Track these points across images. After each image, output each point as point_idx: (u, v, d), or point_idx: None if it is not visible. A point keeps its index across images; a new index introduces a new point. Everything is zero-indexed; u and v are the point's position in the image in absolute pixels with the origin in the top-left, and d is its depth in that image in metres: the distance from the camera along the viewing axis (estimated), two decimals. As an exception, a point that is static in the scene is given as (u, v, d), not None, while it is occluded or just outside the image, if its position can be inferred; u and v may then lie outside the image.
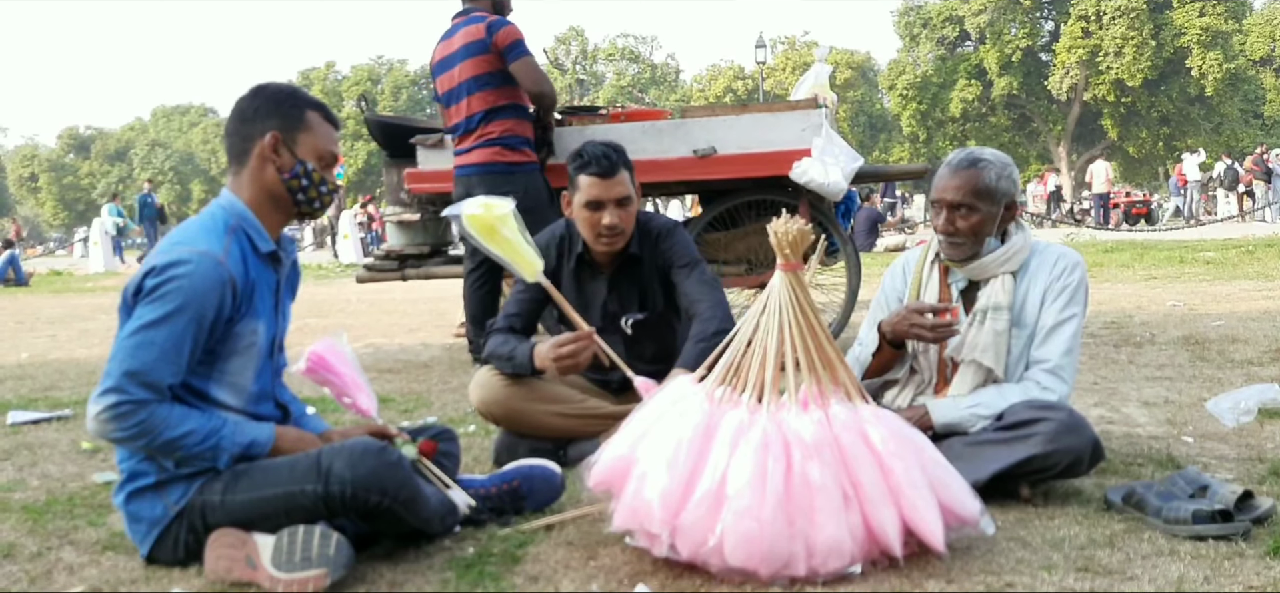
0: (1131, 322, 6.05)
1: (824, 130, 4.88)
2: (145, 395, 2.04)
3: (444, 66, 4.75)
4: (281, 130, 2.23)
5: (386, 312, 9.10)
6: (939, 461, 2.16)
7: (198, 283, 2.07)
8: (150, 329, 2.05)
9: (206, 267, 2.09)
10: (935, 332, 2.58)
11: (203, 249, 2.12)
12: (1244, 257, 10.73)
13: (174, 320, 2.05)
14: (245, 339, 2.20)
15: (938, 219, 2.67)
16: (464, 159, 4.71)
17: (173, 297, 2.06)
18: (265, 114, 2.24)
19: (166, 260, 2.10)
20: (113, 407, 2.03)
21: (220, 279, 2.10)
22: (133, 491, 2.19)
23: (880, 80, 47.45)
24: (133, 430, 2.05)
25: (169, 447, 2.09)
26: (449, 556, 2.24)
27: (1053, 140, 41.78)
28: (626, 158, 3.02)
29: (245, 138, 2.25)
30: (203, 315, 2.09)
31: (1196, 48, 36.25)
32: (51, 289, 14.50)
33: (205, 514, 2.14)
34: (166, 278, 2.07)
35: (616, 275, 3.11)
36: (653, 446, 2.11)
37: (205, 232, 2.18)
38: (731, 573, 1.99)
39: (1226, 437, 3.15)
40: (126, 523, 2.24)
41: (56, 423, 3.98)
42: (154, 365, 2.04)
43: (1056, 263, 2.67)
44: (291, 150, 2.23)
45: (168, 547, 2.19)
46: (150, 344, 2.04)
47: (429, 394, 4.50)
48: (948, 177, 2.65)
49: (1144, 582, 1.97)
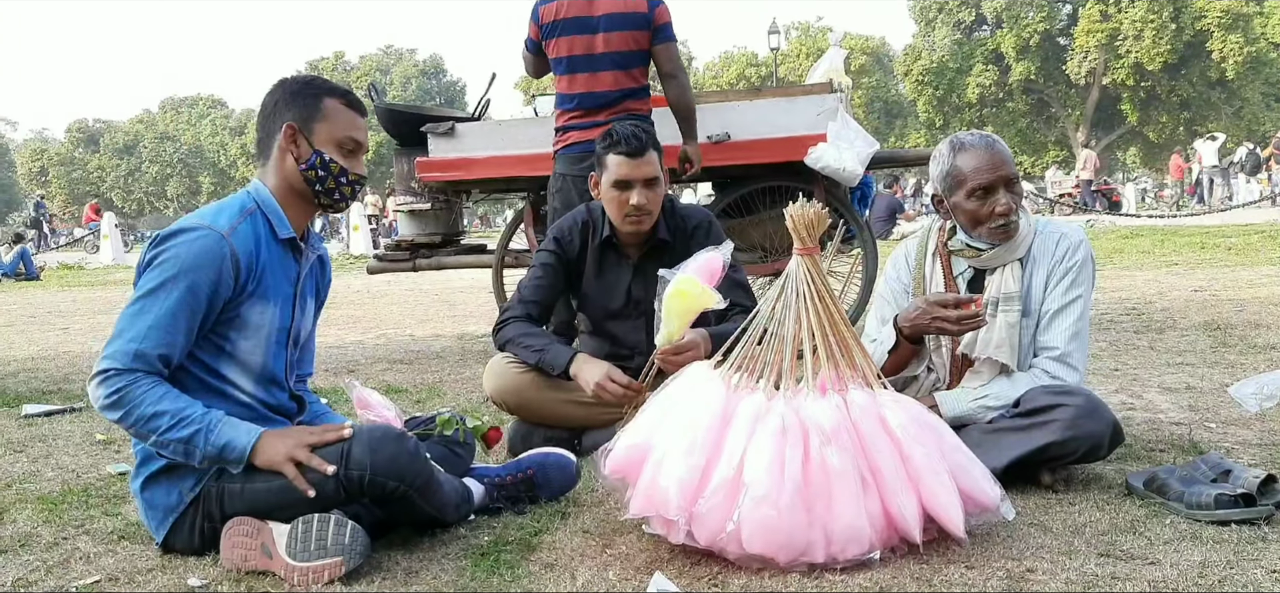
0: (1152, 308, 6.00)
1: (840, 115, 4.85)
2: (131, 364, 2.03)
3: (578, 27, 4.23)
4: (298, 121, 2.22)
5: (396, 302, 9.12)
6: (959, 446, 2.13)
7: (196, 254, 2.08)
8: (145, 299, 2.07)
9: (207, 239, 2.10)
10: (961, 325, 2.47)
11: (208, 224, 2.13)
12: (1266, 241, 10.62)
13: (168, 290, 2.06)
14: (253, 320, 2.20)
15: (991, 203, 2.51)
16: (586, 135, 4.20)
17: (168, 266, 2.07)
18: (284, 105, 2.24)
19: (167, 233, 2.13)
20: (100, 373, 2.04)
21: (220, 252, 2.10)
22: (147, 476, 2.20)
23: (895, 66, 47.17)
24: (111, 398, 2.03)
25: (141, 424, 2.04)
26: (464, 544, 2.24)
27: (1071, 126, 41.45)
28: (656, 139, 3.04)
29: (267, 131, 2.26)
30: (197, 286, 2.07)
31: (1217, 30, 35.83)
32: (62, 283, 14.59)
33: (223, 502, 2.14)
34: (164, 249, 2.10)
35: (643, 261, 3.10)
36: (669, 432, 2.09)
37: (218, 210, 2.20)
38: (749, 560, 1.97)
39: (1249, 422, 3.10)
40: (142, 509, 2.24)
41: (70, 415, 4.00)
42: (145, 335, 2.05)
43: (1059, 243, 2.59)
44: (308, 140, 2.22)
45: (183, 534, 2.19)
46: (143, 313, 2.06)
47: (441, 385, 4.50)
48: (987, 155, 2.51)
49: (1166, 567, 1.94)
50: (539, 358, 2.88)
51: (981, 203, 2.53)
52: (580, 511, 2.46)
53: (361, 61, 55.94)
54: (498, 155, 5.23)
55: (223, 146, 58.89)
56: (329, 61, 56.71)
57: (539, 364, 2.88)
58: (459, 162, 5.27)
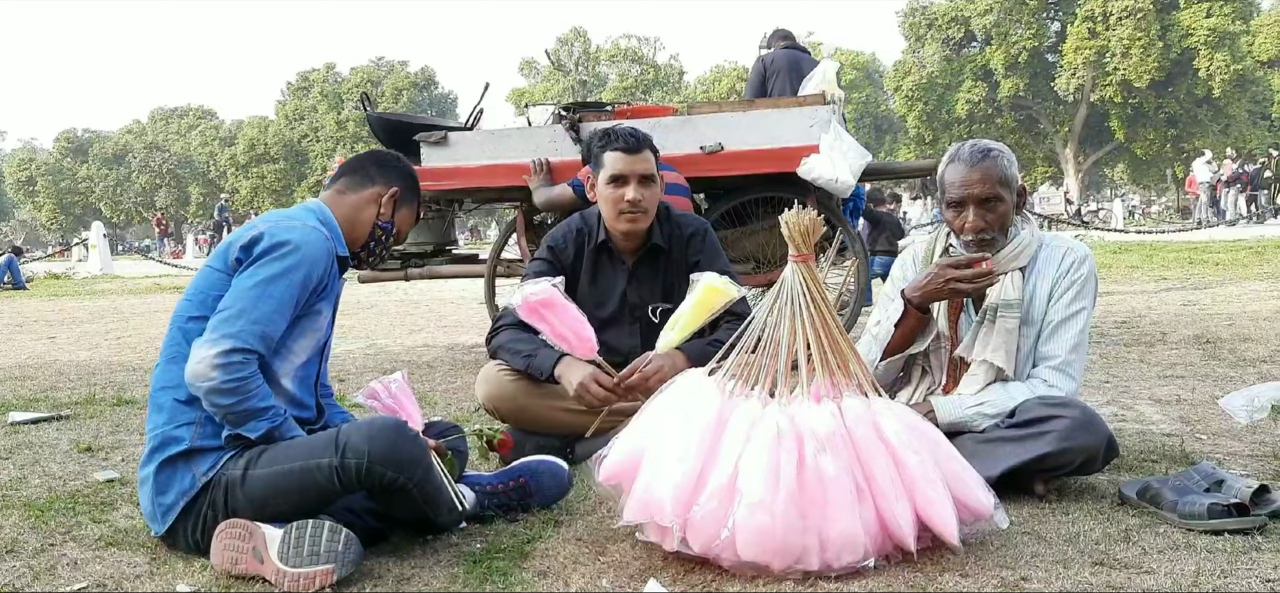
0: (1142, 321, 6.02)
1: (832, 126, 4.86)
2: (260, 347, 2.13)
3: None
4: (401, 193, 2.47)
5: (387, 312, 9.09)
6: (953, 454, 2.13)
7: (313, 248, 2.23)
8: (271, 284, 2.16)
9: (319, 237, 2.27)
10: (975, 283, 2.50)
11: (312, 223, 2.31)
12: (1254, 257, 10.68)
13: (290, 277, 2.18)
14: (318, 320, 2.32)
15: (962, 218, 2.57)
16: None
17: (291, 255, 2.19)
18: (401, 175, 2.49)
19: (283, 228, 2.24)
20: (227, 353, 2.08)
21: (328, 250, 2.29)
22: (164, 459, 2.19)
23: (886, 81, 47.39)
24: (234, 382, 2.09)
25: (247, 416, 2.13)
26: (457, 551, 2.22)
27: (1059, 142, 41.67)
28: (652, 143, 3.07)
29: (370, 177, 2.46)
30: (309, 280, 2.22)
31: (1204, 49, 36.10)
32: (50, 293, 14.49)
33: (227, 491, 2.15)
34: (286, 240, 2.20)
35: (638, 266, 3.09)
36: (664, 439, 2.08)
37: (306, 213, 2.37)
38: (743, 568, 1.96)
39: (1240, 434, 3.11)
40: (150, 497, 2.22)
41: (57, 423, 3.96)
42: (270, 317, 2.15)
43: (1064, 257, 2.62)
44: (393, 211, 2.46)
45: (189, 523, 2.18)
46: (270, 297, 2.15)
47: (433, 394, 4.48)
48: (966, 171, 2.55)
49: (1160, 576, 1.94)
50: (527, 362, 2.87)
51: (955, 215, 2.59)
52: (573, 518, 2.45)
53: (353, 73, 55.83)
54: (490, 165, 5.23)
55: (212, 157, 58.62)
56: (320, 73, 56.62)
57: (528, 369, 2.87)
58: (452, 171, 5.27)
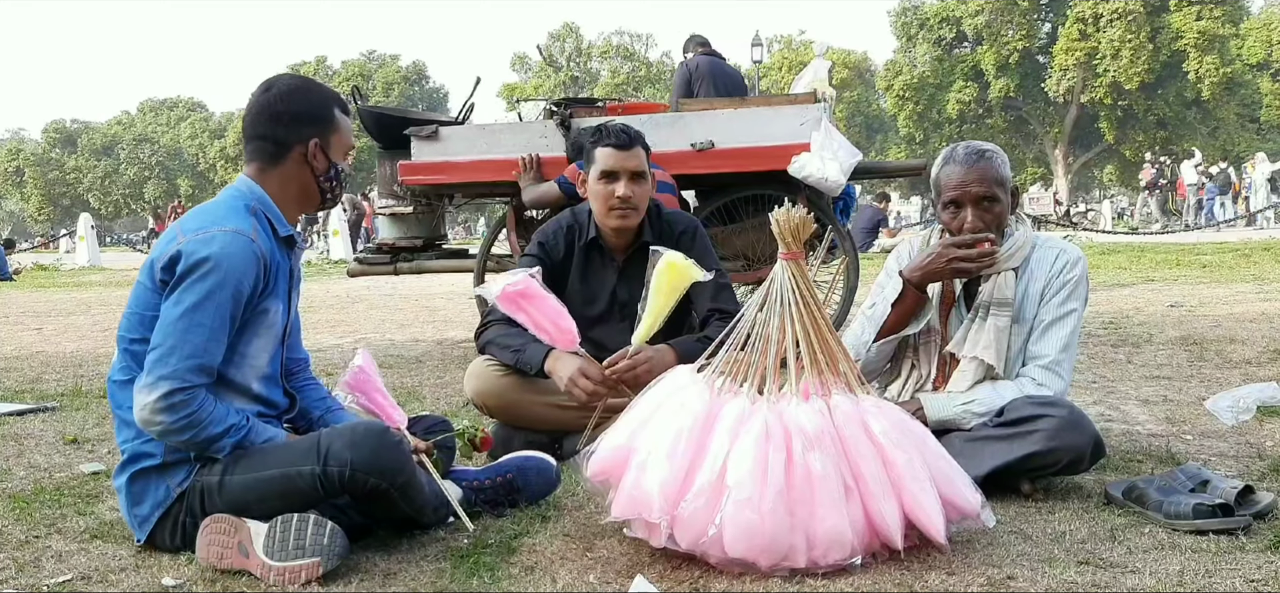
0: (1130, 322, 6.05)
1: (823, 125, 4.87)
2: (198, 380, 2.05)
3: None
4: (320, 137, 2.26)
5: (375, 306, 9.07)
6: (941, 453, 2.13)
7: (236, 260, 2.09)
8: (196, 311, 2.05)
9: (241, 244, 2.11)
10: (979, 262, 2.51)
11: (233, 227, 2.13)
12: (1241, 260, 10.74)
13: (216, 298, 2.06)
14: (268, 319, 2.21)
15: (959, 218, 2.57)
16: None
17: (212, 275, 2.06)
18: (305, 120, 2.25)
19: (201, 241, 2.09)
20: (166, 396, 2.02)
21: (254, 255, 2.12)
22: (136, 472, 2.17)
23: (877, 81, 47.42)
24: (182, 421, 2.03)
25: (208, 443, 2.08)
26: (444, 546, 2.22)
27: (1049, 143, 41.80)
28: (644, 140, 3.06)
29: (279, 142, 2.24)
30: (241, 292, 2.10)
31: (1193, 51, 36.27)
32: (37, 284, 14.40)
33: (205, 497, 2.12)
34: (205, 258, 2.07)
35: (628, 263, 3.09)
36: (652, 435, 2.08)
37: (230, 211, 2.19)
38: (731, 564, 1.96)
39: (1226, 434, 3.13)
40: (126, 506, 2.21)
41: (42, 415, 3.94)
42: (205, 347, 2.06)
43: (1057, 258, 2.64)
44: (326, 154, 2.27)
45: (166, 530, 2.16)
46: (200, 326, 2.05)
47: (421, 389, 4.47)
48: (962, 172, 2.56)
49: (1145, 576, 1.95)
50: (516, 357, 2.86)
51: (952, 216, 2.59)
52: (561, 514, 2.45)
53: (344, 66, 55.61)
54: (481, 159, 5.22)
55: (202, 149, 58.28)
56: (311, 66, 56.31)
57: (517, 364, 2.87)
58: (442, 165, 5.25)
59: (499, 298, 2.60)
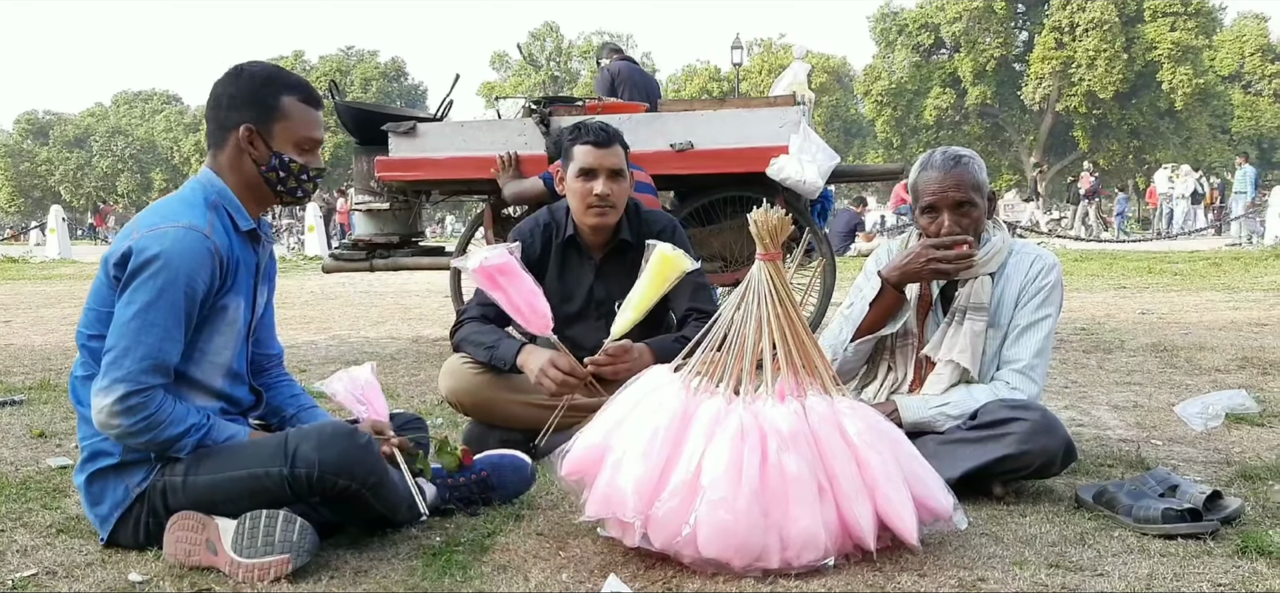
0: (1102, 328, 6.10)
1: (802, 127, 4.88)
2: (155, 381, 2.00)
3: None
4: (256, 122, 2.14)
5: (350, 303, 9.01)
6: (914, 455, 2.14)
7: (186, 257, 2.02)
8: (149, 310, 2.00)
9: (193, 240, 2.04)
10: (957, 264, 2.53)
11: (186, 222, 2.06)
12: (1211, 268, 10.87)
13: (168, 296, 2.00)
14: (228, 316, 2.15)
15: (937, 222, 2.58)
16: None
17: (163, 274, 2.00)
18: (241, 103, 2.15)
19: (152, 238, 2.03)
20: (123, 399, 1.98)
21: (207, 250, 2.06)
22: (95, 471, 2.13)
23: (856, 85, 47.66)
24: (140, 424, 2.00)
25: (169, 444, 2.05)
26: (416, 545, 2.20)
27: (1025, 150, 42.15)
28: (623, 138, 3.06)
29: (221, 125, 2.17)
30: (193, 289, 2.04)
31: (1167, 62, 36.69)
32: (6, 277, 14.19)
33: (167, 496, 2.09)
34: (155, 256, 2.01)
35: (605, 261, 3.08)
36: (628, 434, 2.07)
37: (186, 205, 2.12)
38: (704, 565, 1.96)
39: (1195, 440, 3.16)
40: (86, 505, 2.18)
41: (10, 408, 3.88)
42: (159, 347, 2.01)
43: (1033, 264, 2.66)
44: (267, 143, 2.15)
45: (128, 530, 2.13)
46: (153, 326, 2.00)
47: (396, 387, 4.44)
48: (939, 177, 2.57)
49: (1114, 579, 1.97)
50: (490, 354, 2.85)
51: (930, 221, 2.60)
52: (535, 513, 2.44)
53: (321, 62, 55.18)
54: (459, 157, 5.20)
55: (176, 143, 57.61)
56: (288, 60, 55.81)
57: (490, 360, 2.85)
58: (419, 161, 5.23)
59: (477, 271, 2.54)
